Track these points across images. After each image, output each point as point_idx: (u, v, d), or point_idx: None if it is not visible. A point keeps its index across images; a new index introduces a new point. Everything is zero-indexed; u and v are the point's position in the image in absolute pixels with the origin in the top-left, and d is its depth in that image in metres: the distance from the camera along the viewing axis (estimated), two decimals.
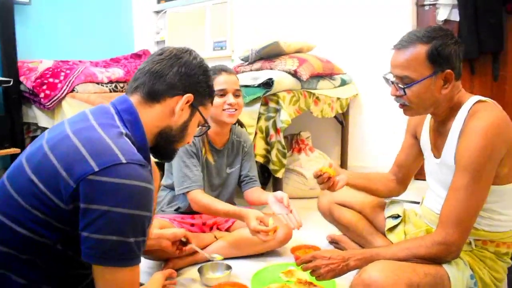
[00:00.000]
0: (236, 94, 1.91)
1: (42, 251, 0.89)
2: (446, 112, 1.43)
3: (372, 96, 3.13)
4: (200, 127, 1.18)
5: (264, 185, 2.89)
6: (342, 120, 3.16)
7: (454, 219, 1.31)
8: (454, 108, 1.41)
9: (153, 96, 1.04)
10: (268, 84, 2.26)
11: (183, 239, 1.59)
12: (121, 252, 0.86)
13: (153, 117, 1.04)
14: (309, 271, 1.41)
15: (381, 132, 3.12)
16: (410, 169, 1.72)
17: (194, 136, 1.19)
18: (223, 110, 1.86)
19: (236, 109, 1.90)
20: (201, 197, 1.81)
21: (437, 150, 1.48)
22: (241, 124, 2.16)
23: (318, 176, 1.61)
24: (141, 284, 1.21)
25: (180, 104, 1.04)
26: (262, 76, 2.30)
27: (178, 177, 1.86)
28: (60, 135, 0.93)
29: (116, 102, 1.04)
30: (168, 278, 1.56)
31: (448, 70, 1.32)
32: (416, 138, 1.65)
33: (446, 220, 1.32)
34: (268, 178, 2.89)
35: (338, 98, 2.88)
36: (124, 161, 0.87)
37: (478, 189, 1.31)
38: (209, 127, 1.19)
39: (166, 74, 1.03)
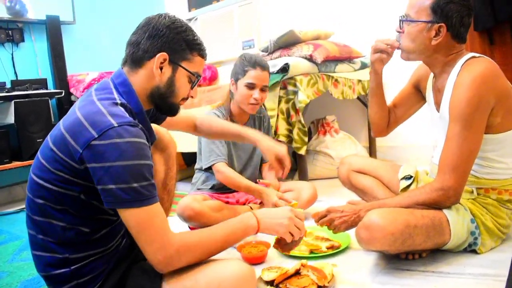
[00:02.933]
0: (262, 89, 2.08)
1: (70, 202, 1.11)
2: (441, 67, 1.52)
3: (394, 77, 3.18)
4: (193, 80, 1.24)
5: (294, 170, 3.02)
6: (367, 102, 3.22)
7: (449, 166, 1.40)
8: (450, 65, 1.50)
9: (136, 63, 1.19)
10: (285, 69, 2.42)
11: None
12: (131, 196, 1.03)
13: (140, 82, 1.19)
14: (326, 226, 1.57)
15: None
16: (402, 112, 1.79)
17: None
18: (249, 103, 2.06)
19: (258, 103, 2.09)
20: (225, 169, 2.00)
21: (438, 106, 1.57)
22: None
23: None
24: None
25: (155, 64, 1.18)
26: (280, 63, 2.46)
27: (205, 152, 2.05)
28: (70, 112, 1.15)
29: (113, 77, 1.21)
30: None
31: (442, 24, 1.43)
32: (416, 88, 1.75)
33: (442, 167, 1.42)
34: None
35: (360, 81, 2.96)
36: (115, 124, 1.05)
37: (469, 137, 1.39)
38: (199, 76, 1.23)
39: (141, 41, 1.18)
